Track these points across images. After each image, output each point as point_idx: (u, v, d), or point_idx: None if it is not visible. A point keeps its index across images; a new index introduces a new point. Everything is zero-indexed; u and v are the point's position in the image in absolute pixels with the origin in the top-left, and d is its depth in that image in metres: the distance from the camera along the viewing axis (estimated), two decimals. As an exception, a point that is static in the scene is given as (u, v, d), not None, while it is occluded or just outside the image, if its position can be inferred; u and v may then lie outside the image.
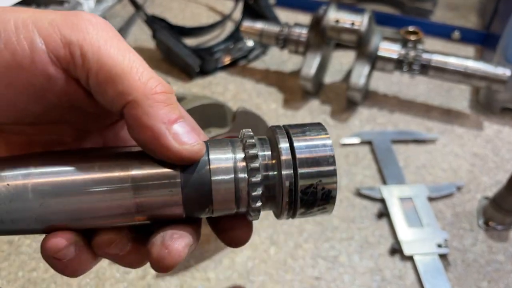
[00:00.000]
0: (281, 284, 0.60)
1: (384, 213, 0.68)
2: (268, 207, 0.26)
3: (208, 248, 0.63)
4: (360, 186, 0.72)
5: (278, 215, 0.26)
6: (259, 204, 0.24)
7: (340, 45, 0.99)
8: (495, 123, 0.85)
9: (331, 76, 0.96)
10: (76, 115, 0.26)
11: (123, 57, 0.22)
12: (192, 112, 0.60)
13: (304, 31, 0.87)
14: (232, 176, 0.24)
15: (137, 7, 0.97)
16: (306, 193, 0.24)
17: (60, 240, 0.23)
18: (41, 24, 0.22)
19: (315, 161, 0.24)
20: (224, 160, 0.24)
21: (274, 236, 0.65)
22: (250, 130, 0.26)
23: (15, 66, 0.22)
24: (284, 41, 0.89)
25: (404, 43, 0.84)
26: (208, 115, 0.59)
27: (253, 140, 0.25)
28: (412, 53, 0.82)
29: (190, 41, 1.00)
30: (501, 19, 0.95)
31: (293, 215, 0.25)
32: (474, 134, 0.83)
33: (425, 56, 0.81)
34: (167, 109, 0.23)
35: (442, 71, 0.81)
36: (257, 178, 0.24)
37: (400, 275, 0.61)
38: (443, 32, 1.07)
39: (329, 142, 0.24)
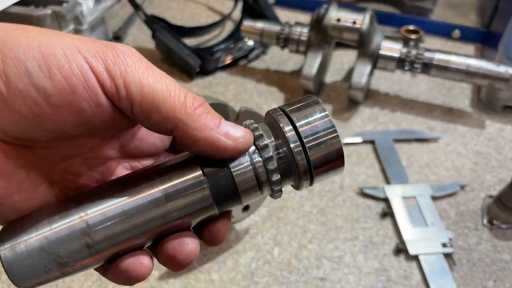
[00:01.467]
0: (285, 285, 0.59)
1: (388, 213, 0.67)
2: (287, 182, 0.28)
3: (212, 250, 0.62)
4: (363, 185, 0.71)
5: (298, 186, 0.28)
6: (278, 178, 0.27)
7: (340, 44, 0.99)
8: (497, 121, 0.85)
9: (332, 76, 0.95)
10: (106, 132, 0.27)
11: (161, 84, 0.24)
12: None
13: (305, 30, 0.87)
14: (249, 163, 0.26)
15: (136, 7, 0.96)
16: (318, 159, 0.26)
17: (143, 266, 0.26)
18: (86, 54, 0.23)
19: (316, 129, 0.26)
20: (240, 158, 0.26)
21: (278, 237, 0.64)
22: (251, 119, 0.28)
23: (68, 91, 0.23)
24: (284, 41, 0.88)
25: (405, 42, 0.84)
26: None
27: (256, 126, 0.27)
28: (414, 52, 0.81)
29: (190, 41, 0.99)
30: (502, 18, 0.95)
31: (311, 182, 0.28)
32: (477, 132, 0.82)
33: (427, 54, 0.81)
34: (209, 117, 0.25)
35: (444, 70, 0.81)
36: (269, 155, 0.26)
37: (405, 275, 0.61)
38: (443, 31, 1.07)
39: (324, 110, 0.27)
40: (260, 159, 0.26)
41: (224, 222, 0.29)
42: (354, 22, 0.81)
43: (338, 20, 0.82)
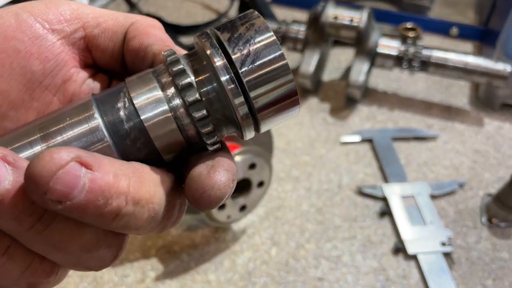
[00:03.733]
0: (283, 286, 0.59)
1: (386, 212, 0.67)
2: (226, 129, 0.21)
3: (208, 250, 0.62)
4: (362, 184, 0.71)
5: (242, 135, 0.21)
6: (209, 129, 0.20)
7: (338, 42, 0.98)
8: (496, 119, 0.84)
9: (330, 74, 0.95)
10: (51, 92, 0.24)
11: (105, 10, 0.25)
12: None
13: (302, 28, 0.86)
14: (167, 109, 0.20)
15: (132, 6, 0.96)
16: (261, 97, 0.20)
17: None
18: (21, 5, 0.22)
19: (258, 56, 0.19)
20: (152, 102, 0.20)
21: (275, 237, 0.64)
22: (171, 49, 0.21)
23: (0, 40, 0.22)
24: (282, 39, 0.88)
25: (403, 39, 0.83)
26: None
27: (177, 57, 0.20)
28: (412, 50, 0.81)
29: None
30: (500, 15, 0.94)
31: (256, 128, 0.21)
32: (475, 130, 0.82)
33: (425, 52, 0.80)
34: (163, 30, 0.24)
35: (442, 68, 0.80)
36: (195, 98, 0.19)
37: (404, 274, 0.60)
38: (441, 28, 1.06)
39: (267, 30, 0.20)
40: (181, 102, 0.20)
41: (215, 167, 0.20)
42: (352, 20, 0.80)
43: (336, 18, 0.81)
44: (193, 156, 0.21)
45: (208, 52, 0.19)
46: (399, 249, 0.62)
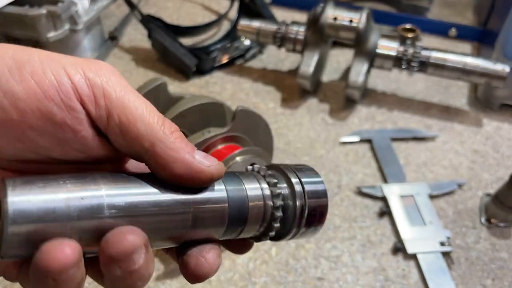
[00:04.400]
0: (283, 285, 0.59)
1: (385, 212, 0.67)
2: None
3: (209, 250, 0.62)
4: (361, 184, 0.71)
5: (283, 237, 0.30)
6: (277, 225, 0.29)
7: (337, 43, 0.99)
8: (495, 119, 0.85)
9: (329, 75, 0.95)
10: (81, 155, 0.26)
11: (140, 103, 0.25)
12: (191, 111, 0.58)
13: (301, 29, 0.86)
14: (262, 200, 0.29)
15: (132, 7, 0.96)
16: (310, 216, 0.29)
17: (67, 254, 0.21)
18: (65, 62, 0.23)
19: (316, 192, 0.30)
20: (255, 188, 0.29)
21: (275, 237, 0.64)
22: (263, 165, 0.31)
23: (40, 95, 0.22)
24: (281, 40, 0.88)
25: (402, 40, 0.84)
26: (207, 114, 0.58)
27: (272, 173, 0.30)
28: (411, 50, 0.81)
29: (186, 41, 0.99)
30: (498, 16, 0.95)
31: (294, 235, 0.30)
32: (474, 131, 0.82)
33: (424, 53, 0.81)
34: (184, 142, 0.26)
35: (441, 68, 0.80)
36: (279, 202, 0.29)
37: (403, 274, 0.60)
38: (440, 29, 1.07)
39: (320, 175, 0.31)
40: (269, 193, 0.29)
41: (215, 251, 0.27)
42: (351, 21, 0.81)
43: (335, 19, 0.82)
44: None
45: (289, 174, 0.30)
46: (399, 249, 0.62)
